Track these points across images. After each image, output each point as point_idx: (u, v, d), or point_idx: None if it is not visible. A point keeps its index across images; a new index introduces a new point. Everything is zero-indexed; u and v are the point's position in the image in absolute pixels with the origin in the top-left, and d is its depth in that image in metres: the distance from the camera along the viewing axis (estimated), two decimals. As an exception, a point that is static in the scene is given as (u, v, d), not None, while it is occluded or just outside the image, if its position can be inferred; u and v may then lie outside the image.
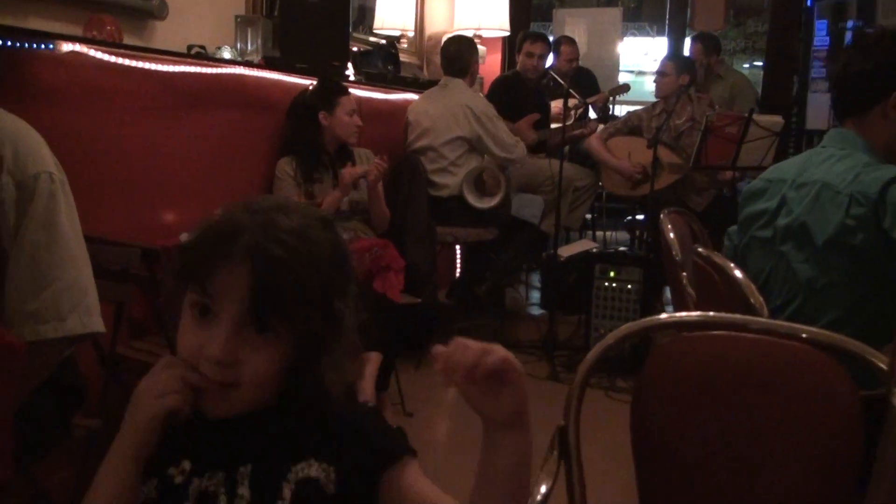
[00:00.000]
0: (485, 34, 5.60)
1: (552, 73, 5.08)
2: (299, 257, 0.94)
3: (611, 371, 3.96)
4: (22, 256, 1.61)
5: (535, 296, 5.60)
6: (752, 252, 2.22)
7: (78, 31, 2.79)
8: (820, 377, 1.31)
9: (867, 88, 2.05)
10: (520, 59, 5.24)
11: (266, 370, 0.96)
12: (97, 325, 1.71)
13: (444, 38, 5.39)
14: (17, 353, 1.58)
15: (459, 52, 4.54)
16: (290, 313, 0.94)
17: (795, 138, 5.65)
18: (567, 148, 5.11)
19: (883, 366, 1.24)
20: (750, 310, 2.02)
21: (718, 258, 2.19)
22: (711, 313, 1.42)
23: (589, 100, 5.31)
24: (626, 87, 6.01)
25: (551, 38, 5.81)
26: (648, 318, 1.43)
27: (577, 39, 5.97)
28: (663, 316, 1.48)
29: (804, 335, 1.34)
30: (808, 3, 5.95)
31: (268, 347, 0.95)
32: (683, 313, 1.46)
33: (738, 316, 1.42)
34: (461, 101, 4.34)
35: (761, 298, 2.01)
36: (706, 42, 5.90)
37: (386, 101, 4.52)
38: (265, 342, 0.95)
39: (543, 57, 5.23)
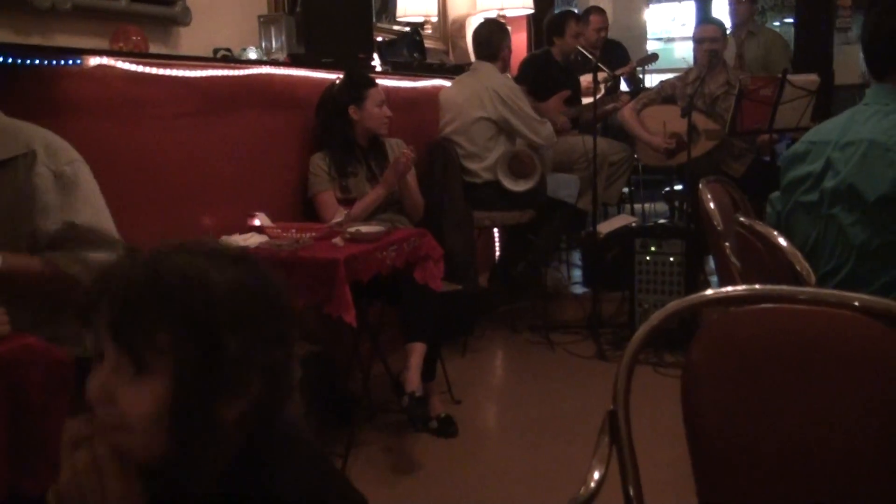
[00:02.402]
0: (509, 13, 5.55)
1: (580, 48, 5.01)
2: (154, 290, 0.93)
3: (657, 346, 3.92)
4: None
5: (577, 274, 5.56)
6: (797, 217, 2.17)
7: (104, 44, 2.80)
8: (875, 346, 1.27)
9: None
10: (564, 41, 5.11)
11: (147, 408, 0.93)
12: None
13: (472, 22, 5.37)
14: (67, 368, 1.62)
15: (489, 37, 4.51)
16: (155, 346, 0.93)
17: (825, 95, 5.52)
18: (600, 123, 5.05)
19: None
20: (796, 278, 1.98)
21: (761, 227, 2.15)
22: (758, 286, 1.39)
23: (617, 72, 5.24)
24: (654, 57, 5.92)
25: (577, 11, 5.74)
26: (695, 295, 1.40)
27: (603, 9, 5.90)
28: (709, 292, 1.45)
29: (856, 303, 1.30)
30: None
31: (147, 386, 0.93)
32: (729, 288, 1.42)
33: (785, 287, 1.38)
34: (488, 85, 4.31)
35: (808, 266, 1.97)
36: None
37: (414, 88, 4.50)
38: (145, 381, 0.93)
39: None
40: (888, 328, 1.28)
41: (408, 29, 4.95)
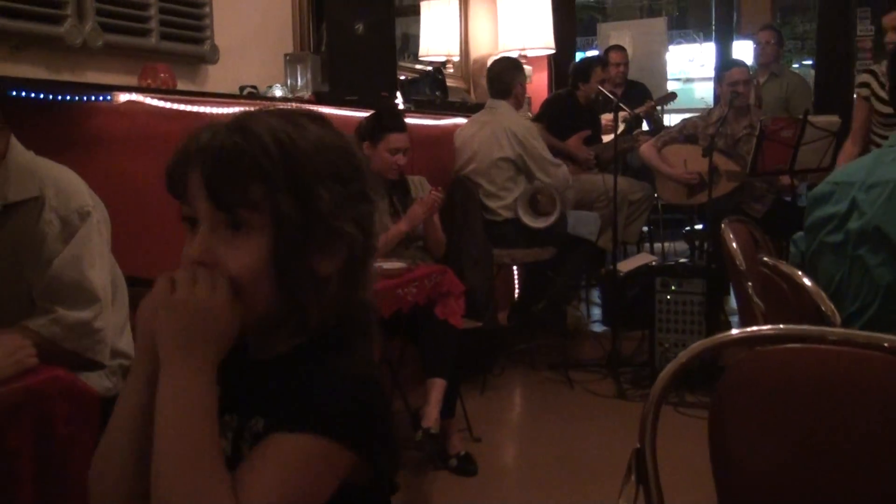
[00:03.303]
0: (530, 53, 5.60)
1: (601, 88, 5.05)
2: (245, 147, 0.93)
3: (678, 385, 3.89)
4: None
5: (597, 312, 5.55)
6: (822, 258, 2.16)
7: (133, 81, 2.85)
8: (904, 387, 1.27)
9: None
10: (589, 86, 5.14)
11: (248, 265, 0.94)
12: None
13: (490, 60, 5.42)
14: (93, 401, 1.63)
15: (500, 74, 4.54)
16: (249, 201, 0.93)
17: (846, 136, 5.51)
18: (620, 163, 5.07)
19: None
20: (821, 318, 1.97)
21: (785, 267, 2.15)
22: (785, 326, 1.38)
23: (636, 110, 5.28)
24: (672, 96, 5.96)
25: (598, 52, 5.79)
26: (722, 335, 1.39)
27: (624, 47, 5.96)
28: (735, 331, 1.44)
29: (885, 344, 1.29)
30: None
31: (247, 242, 0.94)
32: (756, 327, 1.42)
33: (814, 327, 1.37)
34: (504, 125, 4.33)
35: (832, 306, 1.96)
36: (779, 32, 5.87)
37: (436, 126, 4.54)
38: (243, 238, 0.94)
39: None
40: (918, 370, 1.27)
41: (430, 68, 5.00)
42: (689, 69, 11.43)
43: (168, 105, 2.75)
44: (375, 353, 1.09)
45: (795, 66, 10.54)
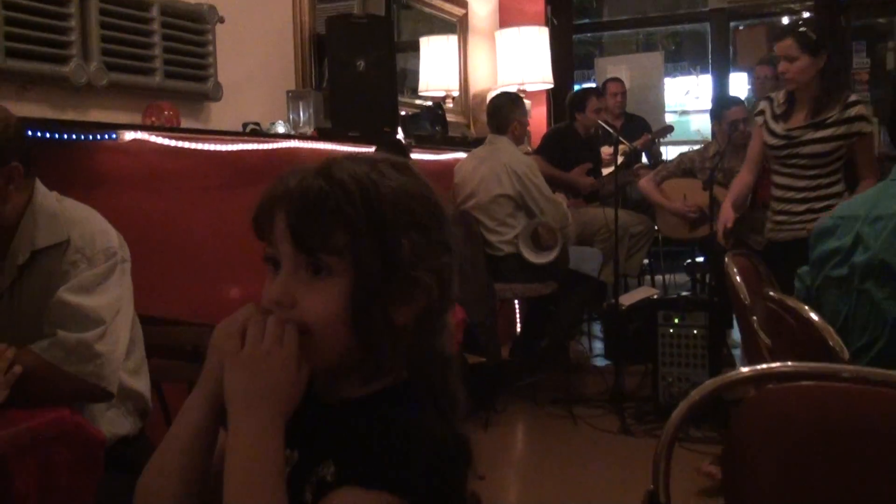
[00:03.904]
0: (529, 88, 5.64)
1: (600, 122, 5.09)
2: (330, 193, 0.94)
3: (682, 420, 3.86)
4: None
5: (599, 346, 5.53)
6: (827, 292, 2.16)
7: (137, 119, 2.87)
8: (920, 425, 1.26)
9: None
10: (584, 116, 5.17)
11: (326, 309, 0.95)
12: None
13: (489, 95, 5.46)
14: (97, 448, 1.61)
15: (498, 109, 4.56)
16: (332, 246, 0.94)
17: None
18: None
19: None
20: (829, 353, 1.97)
21: (792, 301, 2.14)
22: (797, 363, 1.38)
23: (634, 143, 5.31)
24: (669, 129, 6.00)
25: (595, 85, 5.83)
26: (733, 373, 1.39)
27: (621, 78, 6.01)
28: (746, 369, 1.43)
29: (900, 381, 1.29)
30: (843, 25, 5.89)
31: (326, 287, 0.96)
32: (768, 365, 1.41)
33: (827, 365, 1.38)
34: (503, 161, 4.34)
35: (840, 341, 1.96)
36: (775, 65, 5.89)
37: (437, 161, 4.56)
38: (323, 283, 0.96)
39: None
40: (933, 407, 1.26)
41: (430, 103, 5.04)
42: (686, 102, 11.50)
43: (172, 143, 2.76)
44: (461, 408, 1.07)
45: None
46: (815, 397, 1.33)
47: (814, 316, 2.00)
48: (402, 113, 4.67)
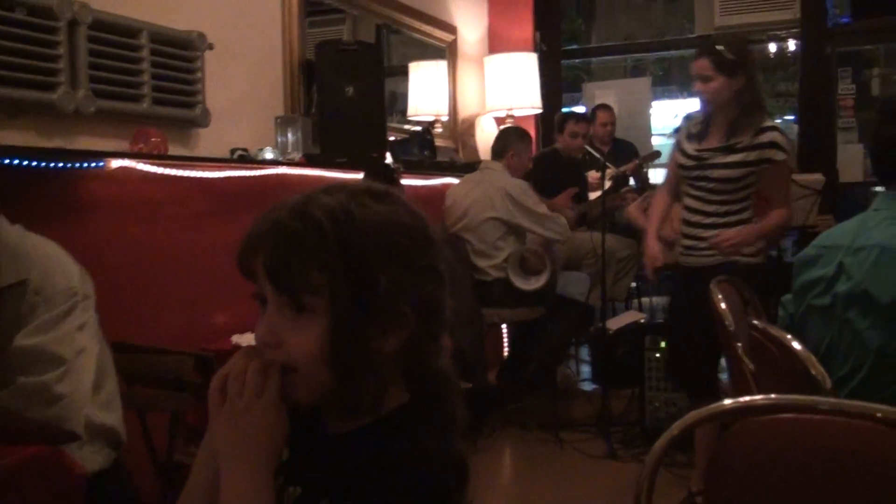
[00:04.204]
0: (517, 113, 5.67)
1: (588, 147, 5.12)
2: (304, 234, 0.95)
3: (664, 451, 3.85)
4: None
5: (587, 370, 5.53)
6: (810, 321, 2.18)
7: (125, 145, 2.87)
8: (894, 457, 1.27)
9: None
10: (562, 138, 5.25)
11: (310, 347, 0.96)
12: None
13: (481, 121, 5.51)
14: (79, 480, 1.60)
15: (501, 135, 4.71)
16: (309, 286, 0.95)
17: (830, 193, 5.56)
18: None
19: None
20: (812, 381, 1.98)
21: (775, 330, 2.15)
22: (777, 396, 1.39)
23: (621, 169, 5.33)
24: (657, 154, 6.03)
25: (584, 110, 5.86)
26: (714, 405, 1.40)
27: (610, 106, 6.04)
28: (728, 401, 1.44)
29: (878, 414, 1.30)
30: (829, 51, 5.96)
31: (309, 326, 0.97)
32: (749, 397, 1.43)
33: (806, 397, 1.38)
34: (497, 184, 4.38)
35: (823, 370, 1.97)
36: None
37: (425, 186, 4.58)
38: (306, 320, 0.97)
39: (587, 136, 5.29)
40: (910, 440, 1.27)
41: (419, 128, 5.06)
42: (674, 124, 11.56)
43: (160, 171, 2.77)
44: (461, 425, 1.08)
45: (778, 121, 10.70)
46: (795, 430, 1.34)
47: (796, 345, 2.01)
48: (391, 138, 4.69)
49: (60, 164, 2.40)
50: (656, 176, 6.64)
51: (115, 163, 2.60)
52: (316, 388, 0.99)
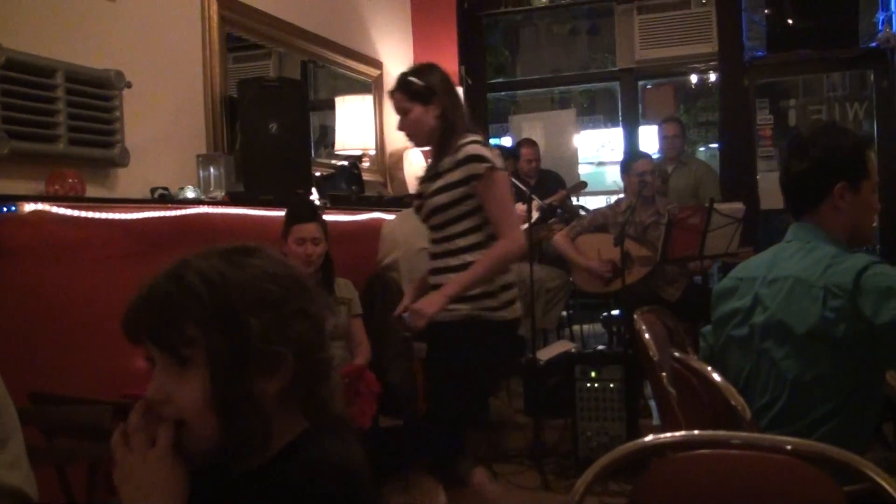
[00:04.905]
0: (445, 146, 5.69)
1: (513, 180, 5.17)
2: (176, 296, 1.04)
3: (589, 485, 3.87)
4: None
5: (520, 401, 5.53)
6: (730, 351, 2.22)
7: (40, 187, 2.81)
8: (808, 490, 1.30)
9: (811, 187, 2.10)
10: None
11: (195, 397, 1.04)
12: None
13: (409, 154, 5.52)
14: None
15: None
16: (187, 339, 1.04)
17: (752, 220, 5.71)
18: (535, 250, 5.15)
19: (877, 478, 1.22)
20: (732, 412, 2.01)
21: (695, 362, 2.19)
22: (693, 433, 1.42)
23: (547, 201, 5.40)
24: (583, 185, 6.13)
25: (511, 141, 5.92)
26: (636, 442, 1.42)
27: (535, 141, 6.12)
28: (649, 438, 1.46)
29: (789, 447, 1.33)
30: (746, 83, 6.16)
31: (193, 378, 1.04)
32: (669, 434, 1.44)
33: (720, 433, 1.41)
34: None
35: (742, 401, 2.01)
36: (681, 122, 6.14)
37: (353, 222, 4.56)
38: (190, 374, 1.05)
39: (513, 172, 5.34)
40: (821, 472, 1.30)
41: (346, 163, 5.04)
42: (600, 153, 11.80)
43: (76, 213, 2.70)
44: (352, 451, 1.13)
45: (702, 149, 10.98)
46: (710, 465, 1.37)
47: (716, 377, 2.05)
48: (317, 173, 4.67)
49: (-31, 210, 2.33)
50: (586, 201, 6.74)
51: (29, 206, 2.53)
52: (208, 437, 1.06)
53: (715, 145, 10.46)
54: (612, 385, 4.21)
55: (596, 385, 4.24)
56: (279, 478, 1.06)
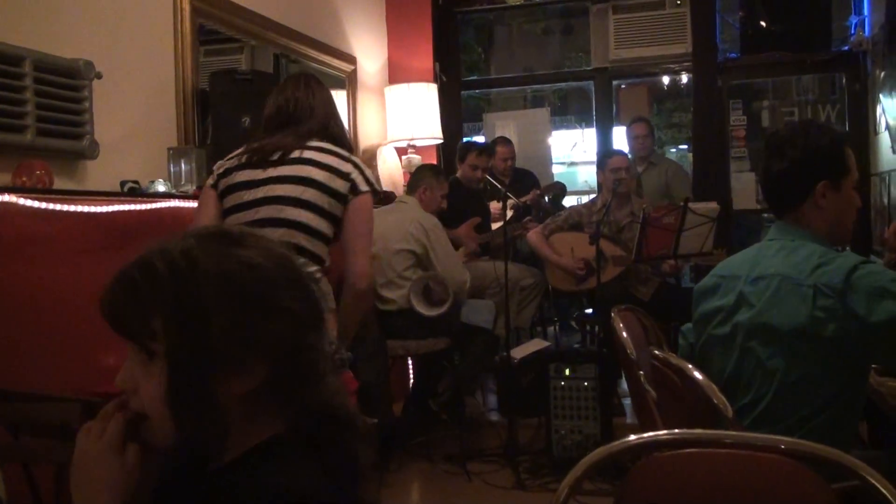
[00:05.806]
0: (418, 143, 5.67)
1: (488, 177, 5.15)
2: (140, 283, 0.99)
3: (571, 488, 3.85)
4: None
5: (493, 400, 5.51)
6: (712, 350, 2.20)
7: (7, 178, 2.73)
8: (801, 489, 1.27)
9: (792, 187, 2.09)
10: (463, 168, 5.29)
11: (154, 392, 1.00)
12: None
13: (383, 151, 5.49)
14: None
15: (416, 171, 4.76)
16: (150, 331, 0.99)
17: (725, 220, 5.74)
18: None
19: (869, 478, 1.20)
20: (714, 410, 1.99)
21: (675, 359, 2.17)
22: (682, 431, 1.39)
23: (521, 199, 5.38)
24: (559, 186, 6.13)
25: (484, 139, 5.89)
26: (618, 442, 1.39)
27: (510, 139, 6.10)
28: (633, 437, 1.43)
29: (782, 446, 1.31)
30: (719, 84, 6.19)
31: (157, 371, 1.00)
32: (654, 433, 1.42)
33: (710, 431, 1.39)
34: (411, 216, 4.37)
35: (724, 399, 1.99)
36: (649, 122, 6.17)
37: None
38: (156, 367, 1.00)
39: (487, 169, 5.32)
40: (813, 471, 1.28)
41: (319, 159, 4.98)
42: (573, 153, 11.83)
43: (44, 206, 2.63)
44: (358, 465, 1.09)
45: (673, 150, 11.03)
46: (701, 464, 1.34)
47: (697, 375, 2.03)
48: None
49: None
50: (567, 202, 6.74)
51: (-6, 198, 2.46)
52: (167, 433, 1.01)
53: (685, 146, 10.52)
54: (586, 384, 4.20)
55: (570, 383, 4.22)
56: (215, 487, 1.02)
